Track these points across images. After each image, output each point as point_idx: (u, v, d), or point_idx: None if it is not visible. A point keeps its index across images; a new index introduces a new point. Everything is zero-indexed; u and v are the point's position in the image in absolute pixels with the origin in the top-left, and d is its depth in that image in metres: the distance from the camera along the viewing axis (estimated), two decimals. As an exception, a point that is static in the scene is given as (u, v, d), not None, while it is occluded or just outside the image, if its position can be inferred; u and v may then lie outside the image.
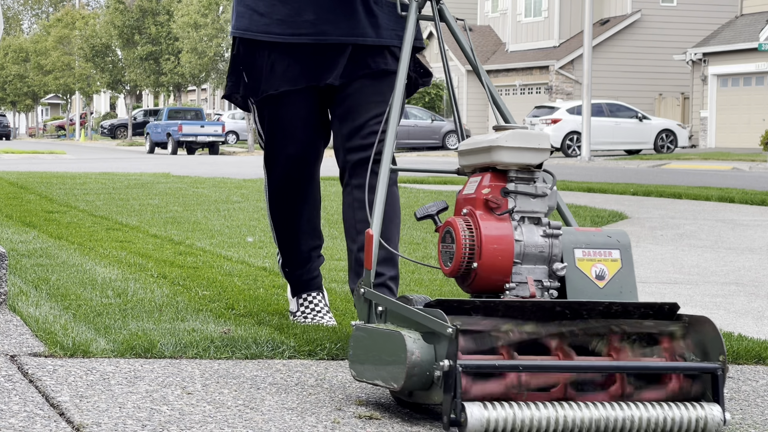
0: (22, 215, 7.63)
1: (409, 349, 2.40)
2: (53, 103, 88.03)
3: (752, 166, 23.31)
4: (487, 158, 2.67)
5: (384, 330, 2.53)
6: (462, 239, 2.61)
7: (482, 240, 2.60)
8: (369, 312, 2.72)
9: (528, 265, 2.64)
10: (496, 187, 2.65)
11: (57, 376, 2.84)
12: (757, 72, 33.84)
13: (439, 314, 2.38)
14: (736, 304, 4.76)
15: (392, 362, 2.46)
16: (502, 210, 2.63)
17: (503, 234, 2.62)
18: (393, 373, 2.46)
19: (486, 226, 2.61)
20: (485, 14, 46.35)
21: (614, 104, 33.63)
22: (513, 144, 2.63)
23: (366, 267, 2.76)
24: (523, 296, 2.61)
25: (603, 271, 2.68)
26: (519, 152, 2.64)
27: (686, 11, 40.61)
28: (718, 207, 10.80)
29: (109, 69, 55.24)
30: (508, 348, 2.45)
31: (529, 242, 2.63)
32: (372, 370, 2.57)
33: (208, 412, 2.57)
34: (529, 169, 2.67)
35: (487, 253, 2.60)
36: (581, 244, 2.69)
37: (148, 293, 4.16)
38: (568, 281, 2.66)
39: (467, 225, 2.62)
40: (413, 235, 7.00)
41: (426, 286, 4.74)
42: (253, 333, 3.41)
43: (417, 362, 2.39)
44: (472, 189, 2.69)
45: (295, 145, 3.54)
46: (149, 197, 10.03)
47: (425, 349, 2.40)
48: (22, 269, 4.74)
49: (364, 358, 2.61)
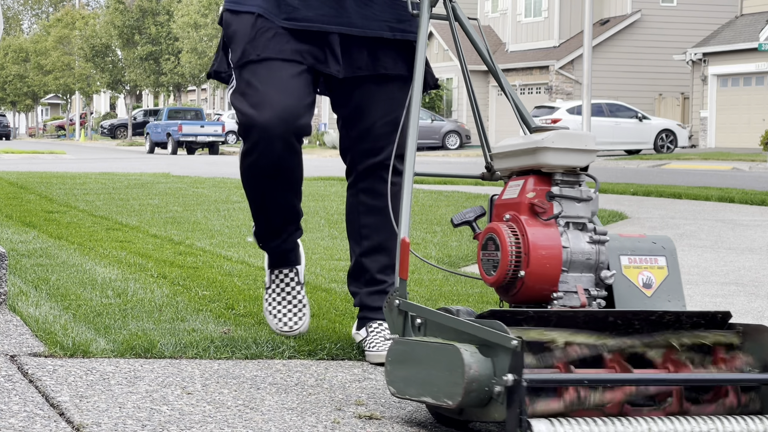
0: (22, 215, 7.63)
1: (467, 363, 2.23)
2: (53, 103, 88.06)
3: (752, 166, 23.31)
4: (531, 160, 2.53)
5: (433, 343, 2.37)
6: (508, 246, 2.47)
7: (530, 247, 2.46)
8: (405, 324, 2.56)
9: (575, 273, 2.51)
10: (541, 190, 2.52)
11: (57, 376, 2.84)
12: (757, 72, 33.84)
13: (499, 326, 2.23)
14: (736, 304, 4.76)
15: (446, 378, 2.29)
16: (548, 215, 2.51)
17: (551, 240, 2.49)
18: (447, 389, 2.29)
19: (533, 232, 2.48)
20: (485, 14, 46.35)
21: (614, 104, 33.64)
22: (560, 145, 2.50)
23: (401, 276, 2.58)
24: (571, 306, 2.48)
25: (650, 279, 2.56)
26: (566, 154, 2.51)
27: (686, 11, 40.63)
28: (718, 207, 10.80)
29: (109, 69, 55.26)
30: (565, 362, 2.32)
31: (576, 249, 2.50)
32: (418, 386, 2.40)
33: (208, 412, 2.57)
34: (574, 171, 2.54)
35: (535, 261, 2.46)
36: (627, 251, 2.57)
37: (148, 293, 4.16)
38: (615, 290, 2.54)
39: (512, 231, 2.49)
40: (413, 235, 7.00)
41: (426, 286, 4.74)
42: (253, 333, 3.41)
43: (475, 377, 2.24)
44: (514, 193, 2.55)
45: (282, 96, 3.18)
46: (149, 197, 10.03)
47: (483, 363, 2.25)
48: (22, 269, 4.74)
49: (407, 374, 2.45)
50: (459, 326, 2.35)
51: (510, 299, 2.54)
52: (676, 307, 2.54)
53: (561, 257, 2.48)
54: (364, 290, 3.37)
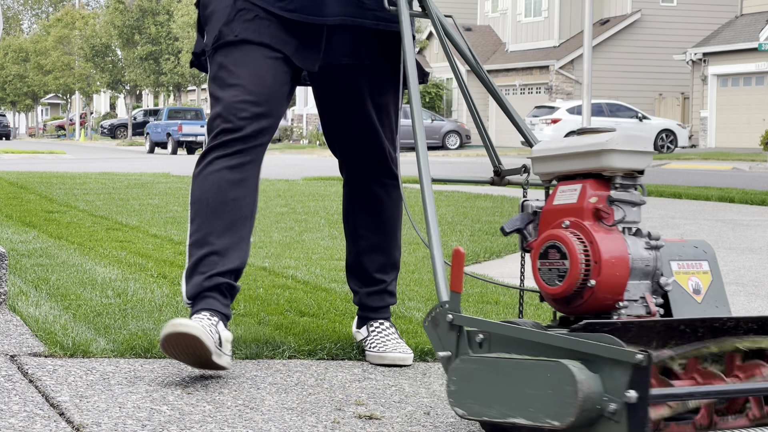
0: (22, 215, 7.63)
1: (580, 380, 2.07)
2: (53, 103, 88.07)
3: (752, 166, 23.31)
4: (594, 163, 2.41)
5: (526, 360, 2.20)
6: (578, 254, 2.34)
7: (600, 255, 2.34)
8: (459, 341, 2.38)
9: (634, 280, 2.41)
10: (602, 195, 2.41)
11: (57, 376, 2.84)
12: (757, 72, 33.85)
13: (612, 340, 2.08)
14: (736, 304, 4.75)
15: (550, 397, 2.13)
16: (610, 221, 2.39)
17: (618, 247, 2.37)
18: (552, 409, 2.12)
19: (601, 239, 2.36)
20: (485, 14, 46.36)
21: (614, 104, 33.66)
22: (626, 147, 2.39)
23: (455, 289, 2.41)
24: (638, 315, 2.39)
25: (698, 285, 2.50)
26: (630, 156, 2.40)
27: (686, 11, 40.64)
28: (718, 207, 10.80)
29: (109, 69, 55.28)
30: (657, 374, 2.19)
31: (636, 255, 2.40)
32: (504, 407, 2.22)
33: (208, 412, 2.57)
34: (632, 174, 2.44)
35: (606, 269, 2.34)
36: (675, 256, 2.48)
37: (148, 293, 4.16)
38: (670, 297, 2.46)
39: (578, 238, 2.37)
40: (413, 235, 7.00)
41: (426, 286, 4.74)
42: (253, 333, 3.41)
43: (589, 395, 2.08)
44: (570, 198, 2.43)
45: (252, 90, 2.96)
46: (149, 197, 10.02)
47: (593, 380, 2.09)
48: (22, 269, 4.74)
49: (484, 394, 2.27)
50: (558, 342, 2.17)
51: (571, 310, 2.41)
52: (724, 313, 2.49)
53: (628, 265, 2.38)
54: (363, 290, 3.35)
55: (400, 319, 3.79)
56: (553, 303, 2.44)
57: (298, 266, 5.23)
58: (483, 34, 45.32)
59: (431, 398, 2.80)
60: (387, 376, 3.04)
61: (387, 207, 3.32)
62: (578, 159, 2.44)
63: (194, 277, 2.93)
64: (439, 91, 42.71)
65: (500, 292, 4.59)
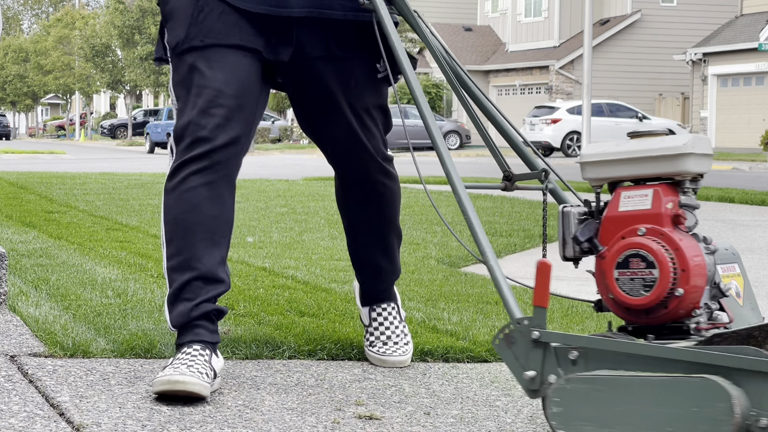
0: (22, 215, 7.62)
1: (734, 395, 2.00)
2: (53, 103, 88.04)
3: (752, 166, 23.31)
4: (669, 167, 2.32)
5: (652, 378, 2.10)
6: (668, 263, 2.26)
7: (687, 262, 2.27)
8: (545, 358, 2.27)
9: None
10: (675, 201, 2.34)
11: (57, 376, 2.84)
12: (757, 72, 33.85)
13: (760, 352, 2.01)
14: (736, 304, 4.76)
15: (696, 414, 2.04)
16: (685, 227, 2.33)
17: (698, 254, 2.31)
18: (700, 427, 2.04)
19: (685, 246, 2.29)
20: (485, 14, 46.36)
21: (614, 104, 33.65)
22: (701, 150, 2.32)
23: (540, 304, 2.28)
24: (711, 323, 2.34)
25: (737, 288, 2.46)
26: (703, 159, 2.34)
27: (686, 11, 40.64)
28: (718, 207, 10.80)
29: (109, 69, 55.26)
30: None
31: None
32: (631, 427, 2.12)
33: (208, 412, 2.57)
34: (696, 178, 2.38)
35: (693, 277, 2.28)
36: (718, 260, 2.41)
37: (148, 293, 4.16)
38: (724, 301, 2.41)
39: (663, 246, 2.29)
40: (413, 235, 7.00)
41: (426, 286, 4.74)
42: (253, 333, 3.41)
43: (744, 413, 2.01)
44: (643, 204, 2.34)
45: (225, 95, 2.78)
46: (149, 197, 10.02)
47: (744, 396, 2.03)
48: (22, 269, 4.74)
49: (601, 415, 2.16)
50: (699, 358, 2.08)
51: (648, 321, 2.33)
52: (758, 316, 2.46)
53: (707, 272, 2.32)
54: (366, 274, 3.26)
55: (400, 319, 3.79)
56: (625, 313, 2.35)
57: (298, 266, 5.23)
58: (483, 34, 45.32)
59: (431, 398, 2.80)
60: (387, 376, 3.04)
61: (377, 202, 3.16)
62: (649, 163, 2.35)
63: (179, 305, 2.79)
64: (439, 91, 42.69)
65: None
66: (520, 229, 7.60)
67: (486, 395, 2.87)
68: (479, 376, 3.09)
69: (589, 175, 2.44)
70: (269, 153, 34.39)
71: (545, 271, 2.26)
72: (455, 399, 2.81)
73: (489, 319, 3.90)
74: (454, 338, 3.48)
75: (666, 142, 2.33)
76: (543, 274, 2.27)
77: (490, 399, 2.83)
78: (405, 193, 11.21)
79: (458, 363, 3.25)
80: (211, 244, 2.78)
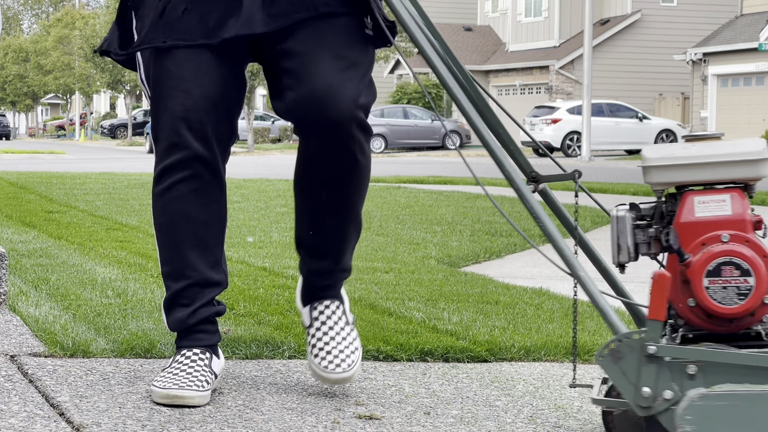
0: (22, 215, 7.62)
1: None
2: (53, 103, 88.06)
3: (752, 166, 23.29)
4: (747, 172, 2.27)
5: None
6: (764, 271, 2.22)
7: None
8: (658, 374, 2.21)
9: None
10: (748, 205, 2.29)
11: (57, 376, 2.84)
12: (757, 72, 33.85)
13: None
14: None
15: None
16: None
17: None
18: None
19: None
20: (485, 14, 46.36)
21: (614, 104, 33.67)
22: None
23: (655, 317, 2.21)
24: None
25: None
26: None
27: (686, 11, 40.65)
28: (718, 207, 10.78)
29: (109, 69, 55.24)
30: None
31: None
32: None
33: (208, 412, 2.57)
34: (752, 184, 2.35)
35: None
36: None
37: (148, 293, 4.16)
38: None
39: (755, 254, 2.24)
40: (413, 235, 7.00)
41: (426, 286, 4.73)
42: (253, 333, 3.41)
43: None
44: (721, 209, 2.28)
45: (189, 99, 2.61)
46: (149, 197, 9.98)
47: None
48: (22, 269, 4.74)
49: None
50: None
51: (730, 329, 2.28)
52: None
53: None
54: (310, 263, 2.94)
55: (400, 320, 3.80)
56: (706, 322, 2.28)
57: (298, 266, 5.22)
58: (483, 34, 45.32)
59: (431, 398, 2.80)
60: (387, 376, 3.04)
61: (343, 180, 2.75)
62: (725, 168, 2.28)
63: (176, 311, 2.71)
64: (439, 91, 42.68)
65: (500, 293, 4.59)
66: (521, 229, 7.59)
67: (486, 395, 2.87)
68: (479, 376, 3.09)
69: (654, 179, 2.35)
70: (269, 153, 34.40)
71: (663, 283, 2.21)
72: (455, 399, 2.81)
73: (489, 319, 3.90)
74: (454, 338, 3.48)
75: (743, 147, 2.28)
76: (660, 287, 2.21)
77: (490, 399, 2.83)
78: (405, 193, 11.21)
79: (458, 363, 3.25)
80: (203, 251, 2.70)
